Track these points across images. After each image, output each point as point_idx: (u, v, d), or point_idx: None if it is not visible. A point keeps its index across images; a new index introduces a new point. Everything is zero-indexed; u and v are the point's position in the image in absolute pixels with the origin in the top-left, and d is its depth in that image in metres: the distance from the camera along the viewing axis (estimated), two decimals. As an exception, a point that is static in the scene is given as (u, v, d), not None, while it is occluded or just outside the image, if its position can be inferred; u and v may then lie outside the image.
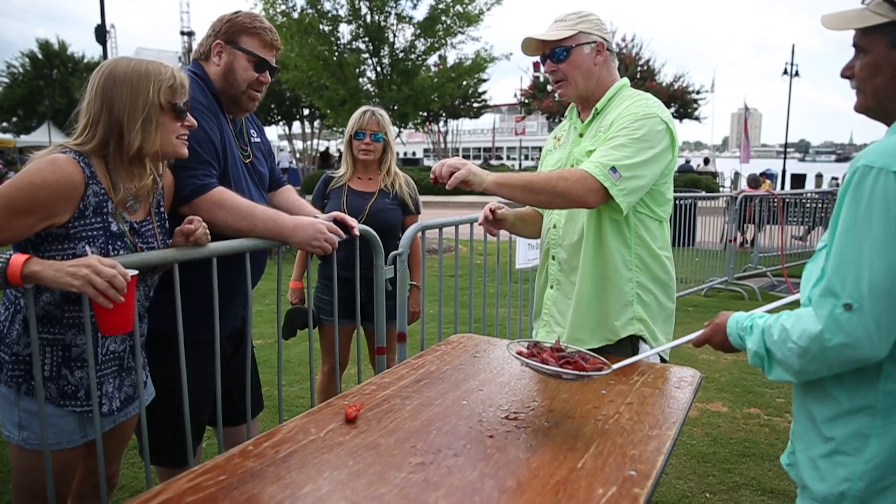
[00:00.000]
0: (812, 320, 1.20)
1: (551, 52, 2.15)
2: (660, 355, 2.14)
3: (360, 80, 18.21)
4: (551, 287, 2.27)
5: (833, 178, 22.89)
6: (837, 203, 1.24)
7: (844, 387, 1.27)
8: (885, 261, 1.13)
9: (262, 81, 2.20)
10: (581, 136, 2.20)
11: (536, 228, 2.46)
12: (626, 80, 2.22)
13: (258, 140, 2.40)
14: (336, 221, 2.30)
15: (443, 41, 18.00)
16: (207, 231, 1.95)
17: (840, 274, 1.17)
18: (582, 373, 1.59)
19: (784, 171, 26.20)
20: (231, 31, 2.14)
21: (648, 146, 2.00)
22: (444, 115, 32.68)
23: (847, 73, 1.35)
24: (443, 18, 17.40)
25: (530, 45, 2.20)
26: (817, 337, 1.19)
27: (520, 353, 1.67)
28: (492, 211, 2.28)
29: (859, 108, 1.35)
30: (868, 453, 1.24)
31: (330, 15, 17.25)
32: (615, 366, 1.65)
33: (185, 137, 1.86)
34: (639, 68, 23.95)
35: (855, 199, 1.18)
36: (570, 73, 2.15)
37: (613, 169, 1.95)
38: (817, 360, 1.21)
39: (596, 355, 1.72)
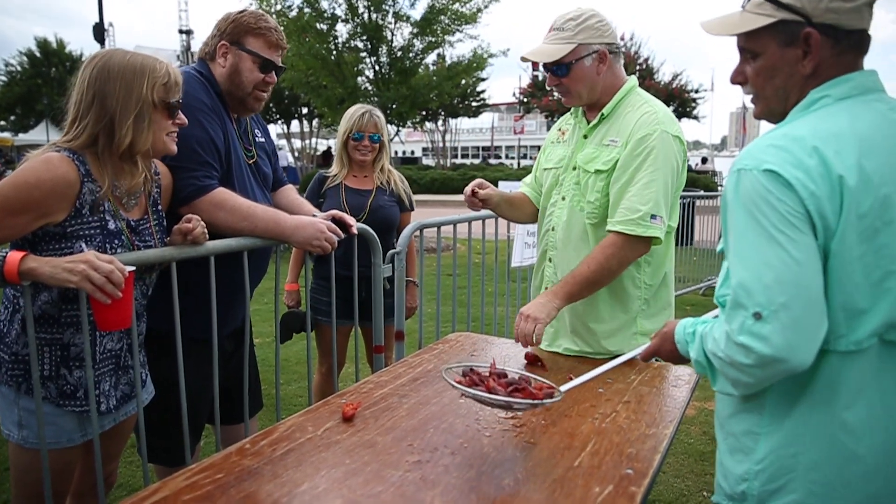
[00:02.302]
0: (730, 332, 1.14)
1: (552, 65, 2.09)
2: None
3: (359, 79, 18.20)
4: (546, 288, 2.27)
5: None
6: (722, 209, 1.21)
7: None
8: (780, 258, 1.08)
9: (268, 82, 2.18)
10: (585, 137, 2.18)
11: (523, 214, 2.45)
12: (634, 80, 2.17)
13: (262, 140, 2.39)
14: (334, 220, 2.30)
15: (441, 39, 18.00)
16: (205, 230, 1.95)
17: (743, 284, 1.11)
18: (535, 401, 1.46)
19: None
20: (236, 31, 2.13)
21: (668, 170, 2.00)
22: (442, 113, 32.69)
23: (740, 80, 1.30)
24: (440, 17, 17.39)
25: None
26: (738, 349, 1.12)
27: (459, 382, 1.50)
28: (473, 192, 2.27)
29: (761, 115, 1.31)
30: (759, 453, 1.21)
31: (327, 14, 17.24)
32: (564, 388, 1.56)
33: (175, 134, 1.84)
34: (637, 67, 23.96)
35: (737, 205, 1.14)
36: (572, 87, 2.10)
37: (653, 216, 1.96)
38: (745, 372, 1.13)
39: (541, 378, 1.61)
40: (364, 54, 18.12)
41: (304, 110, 29.82)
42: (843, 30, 1.17)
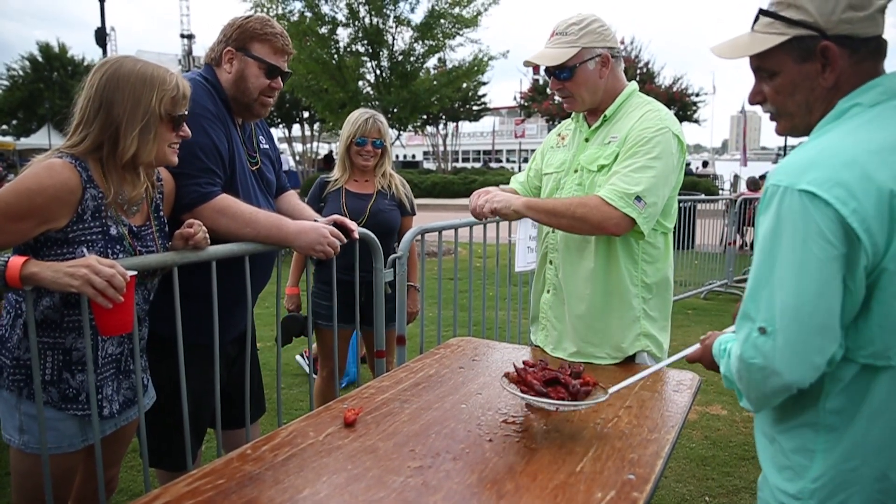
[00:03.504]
0: (738, 341, 1.15)
1: (556, 69, 2.10)
2: (656, 358, 2.14)
3: (360, 83, 18.21)
4: (548, 291, 2.27)
5: None
6: (756, 223, 1.19)
7: (787, 403, 1.20)
8: (795, 281, 1.07)
9: (274, 87, 2.18)
10: (587, 140, 2.18)
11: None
12: (634, 85, 2.19)
13: (266, 147, 2.39)
14: (336, 225, 2.30)
15: (442, 44, 18.01)
16: (207, 234, 1.95)
17: (754, 297, 1.12)
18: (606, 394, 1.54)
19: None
20: (242, 37, 2.12)
21: (665, 165, 1.99)
22: (443, 117, 32.73)
23: (758, 99, 1.29)
24: (441, 21, 17.41)
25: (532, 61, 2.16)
26: (741, 361, 1.13)
27: (525, 393, 1.57)
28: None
29: (784, 131, 1.29)
30: (815, 470, 1.17)
31: (328, 18, 17.26)
32: (612, 390, 1.62)
33: (177, 146, 1.84)
34: (638, 71, 23.98)
35: (765, 220, 1.13)
36: (575, 91, 2.11)
37: (638, 198, 1.95)
38: (751, 385, 1.14)
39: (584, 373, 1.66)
40: (365, 58, 18.13)
41: (306, 114, 29.83)
42: (859, 38, 1.16)
